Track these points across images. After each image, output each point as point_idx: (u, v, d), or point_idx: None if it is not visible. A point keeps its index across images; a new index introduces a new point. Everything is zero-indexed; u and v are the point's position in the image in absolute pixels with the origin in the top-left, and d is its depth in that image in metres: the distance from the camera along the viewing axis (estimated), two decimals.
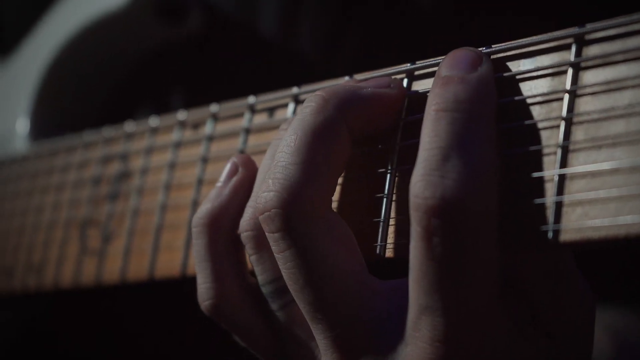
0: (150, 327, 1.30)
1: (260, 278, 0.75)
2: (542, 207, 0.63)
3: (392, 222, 0.73)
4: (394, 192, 0.73)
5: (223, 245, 0.78)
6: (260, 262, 0.75)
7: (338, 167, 0.71)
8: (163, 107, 1.28)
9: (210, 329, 1.21)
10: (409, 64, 0.76)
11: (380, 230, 0.73)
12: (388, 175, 0.73)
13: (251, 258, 0.75)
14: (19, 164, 1.21)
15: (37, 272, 1.12)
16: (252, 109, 0.89)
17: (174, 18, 1.21)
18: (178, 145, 0.97)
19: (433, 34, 1.15)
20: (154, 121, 1.02)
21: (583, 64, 0.65)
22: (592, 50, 0.65)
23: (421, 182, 0.62)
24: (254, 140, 0.89)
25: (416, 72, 0.75)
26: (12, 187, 1.21)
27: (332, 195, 0.71)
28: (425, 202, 0.62)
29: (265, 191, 0.69)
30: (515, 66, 0.69)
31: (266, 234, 0.70)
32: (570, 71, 0.65)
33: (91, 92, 1.28)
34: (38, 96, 1.27)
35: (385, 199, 0.73)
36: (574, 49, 0.65)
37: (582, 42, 0.65)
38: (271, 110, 0.88)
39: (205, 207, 0.78)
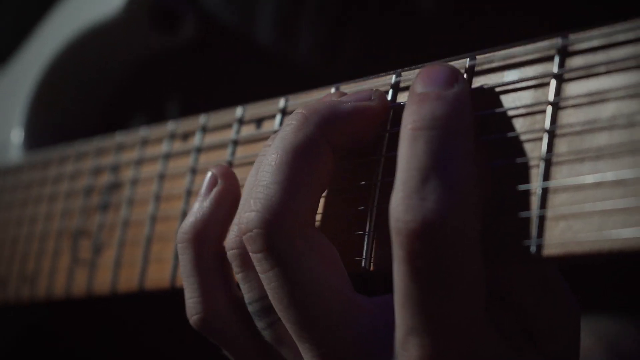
0: (150, 327, 1.30)
1: (247, 296, 0.75)
2: (525, 220, 0.63)
3: (376, 235, 0.72)
4: (379, 204, 0.72)
5: (210, 259, 0.77)
6: (247, 280, 0.74)
7: (321, 185, 0.70)
8: (158, 115, 1.28)
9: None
10: (393, 76, 0.75)
11: (365, 243, 0.72)
12: (373, 188, 0.73)
13: (237, 276, 0.74)
14: (13, 174, 1.21)
15: (30, 282, 1.11)
16: (240, 121, 0.89)
17: (168, 25, 1.20)
18: (168, 156, 0.97)
19: (432, 36, 1.15)
20: (144, 132, 1.01)
21: (566, 76, 0.64)
22: (575, 62, 0.64)
23: (401, 206, 0.62)
24: (242, 152, 0.88)
25: (401, 84, 0.75)
26: (7, 198, 1.21)
27: (315, 213, 0.71)
28: (407, 225, 0.61)
29: (247, 211, 0.68)
30: (499, 77, 0.68)
31: (250, 253, 0.69)
32: (553, 82, 0.64)
33: (85, 101, 1.28)
34: (32, 105, 1.27)
35: (369, 212, 0.72)
36: (557, 60, 0.64)
37: (565, 53, 0.64)
38: (259, 122, 0.87)
39: (189, 220, 0.78)
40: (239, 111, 0.89)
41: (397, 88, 0.75)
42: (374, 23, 1.18)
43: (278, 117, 0.85)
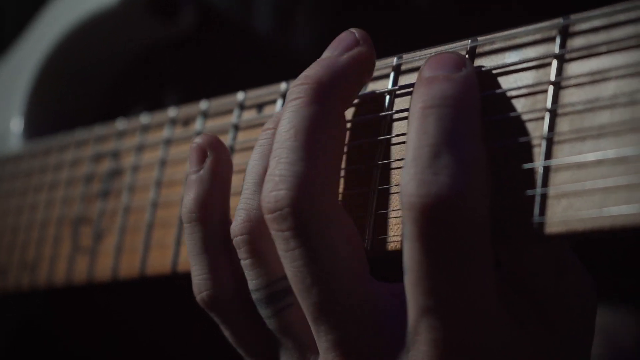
0: (149, 322, 1.30)
1: (253, 283, 0.74)
2: (527, 199, 0.63)
3: (378, 217, 0.73)
4: (380, 186, 0.73)
5: (218, 237, 0.76)
6: (254, 266, 0.73)
7: (340, 155, 0.70)
8: (157, 105, 1.28)
9: (207, 325, 1.21)
10: (395, 58, 0.76)
11: (369, 225, 0.73)
12: (374, 170, 0.73)
13: (244, 262, 0.74)
14: (13, 163, 1.21)
15: (30, 270, 1.12)
16: (241, 106, 0.89)
17: (166, 16, 1.21)
18: (169, 142, 0.97)
19: (431, 31, 1.15)
20: (145, 118, 1.02)
21: (567, 56, 0.64)
22: (576, 42, 0.64)
23: (414, 181, 0.62)
24: (243, 137, 0.88)
25: (403, 67, 0.75)
26: (7, 186, 1.21)
27: (338, 188, 0.71)
28: (421, 200, 0.61)
29: (274, 190, 0.67)
30: (501, 59, 0.69)
31: (274, 232, 0.68)
32: (554, 63, 0.65)
33: (85, 91, 1.28)
34: (32, 95, 1.27)
35: (372, 194, 0.73)
36: (558, 40, 0.65)
37: (566, 34, 0.65)
38: (260, 107, 0.88)
39: (190, 197, 0.76)
40: (240, 96, 0.89)
41: (398, 71, 0.76)
42: (374, 12, 1.19)
43: (279, 102, 0.85)
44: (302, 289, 0.68)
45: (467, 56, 0.70)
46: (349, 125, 0.78)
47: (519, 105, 0.66)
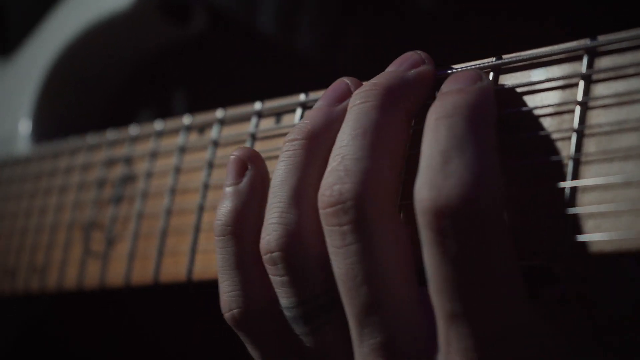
0: (154, 326, 1.30)
1: (289, 301, 0.72)
2: (555, 219, 0.63)
3: None
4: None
5: (251, 253, 0.74)
6: (290, 284, 0.71)
7: (403, 160, 0.70)
8: (166, 108, 1.28)
9: (215, 330, 1.21)
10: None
11: None
12: None
13: (279, 279, 0.72)
14: (22, 166, 1.21)
15: (40, 274, 1.11)
16: (259, 114, 0.89)
17: (178, 19, 1.20)
18: (183, 149, 0.97)
19: (434, 32, 1.15)
20: (159, 125, 1.01)
21: (594, 76, 0.65)
22: (603, 63, 0.65)
23: (426, 186, 0.63)
24: (260, 146, 0.88)
25: None
26: (16, 189, 1.20)
27: (399, 190, 0.71)
28: (432, 203, 0.62)
29: (338, 183, 0.67)
30: (526, 77, 0.69)
31: (330, 228, 0.67)
32: (581, 83, 0.65)
33: (94, 93, 1.28)
34: (40, 97, 1.26)
35: None
36: (585, 60, 0.65)
37: (593, 54, 0.65)
38: (278, 116, 0.88)
39: (226, 210, 0.75)
40: (257, 105, 0.89)
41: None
42: (380, 14, 1.19)
43: (298, 112, 0.85)
44: (351, 288, 0.67)
45: (491, 73, 0.70)
46: None
47: (546, 124, 0.66)
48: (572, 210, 0.63)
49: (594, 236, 0.61)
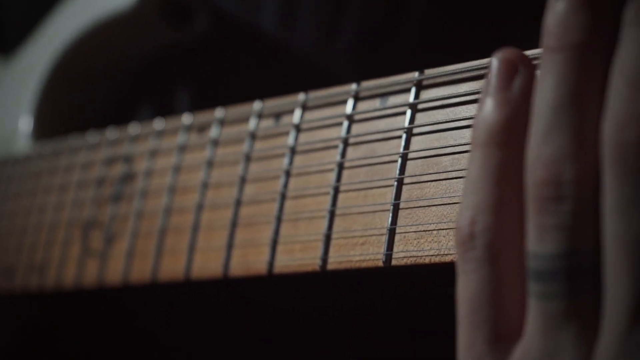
0: (154, 325, 1.30)
1: (552, 247, 0.58)
2: None
3: (392, 232, 0.74)
4: (395, 201, 0.73)
5: (512, 170, 0.62)
6: (565, 228, 0.57)
7: None
8: (167, 107, 1.28)
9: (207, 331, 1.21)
10: (416, 73, 0.76)
11: (386, 239, 0.74)
12: (394, 184, 0.74)
13: (551, 220, 0.58)
14: (22, 164, 1.21)
15: (39, 272, 1.12)
16: (259, 114, 0.89)
17: (180, 21, 1.21)
18: (183, 148, 0.97)
19: (435, 33, 1.15)
20: (159, 124, 1.02)
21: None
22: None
23: (616, 122, 0.54)
24: (260, 145, 0.89)
25: (424, 82, 0.76)
26: (15, 187, 1.21)
27: None
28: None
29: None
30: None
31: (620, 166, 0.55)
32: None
33: (96, 92, 1.28)
34: (42, 95, 1.26)
35: (392, 207, 0.74)
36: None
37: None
38: (278, 116, 0.88)
39: (495, 118, 0.62)
40: (257, 105, 0.90)
41: (419, 86, 0.76)
42: (379, 13, 1.18)
43: (297, 112, 0.86)
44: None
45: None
46: (368, 138, 0.78)
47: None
48: None
49: None
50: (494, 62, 0.64)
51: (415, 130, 0.75)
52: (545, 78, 0.59)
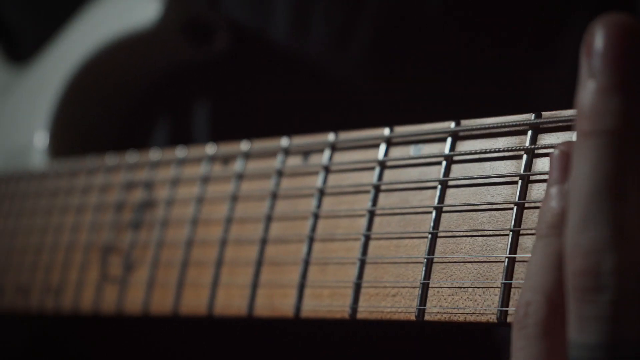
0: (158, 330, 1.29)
1: (590, 337, 0.58)
2: None
3: (431, 285, 0.73)
4: (428, 256, 0.72)
5: (559, 256, 0.63)
6: (604, 319, 0.57)
7: None
8: (185, 124, 1.27)
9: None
10: (452, 124, 0.75)
11: (419, 293, 0.73)
12: (428, 236, 0.73)
13: (590, 308, 0.57)
14: (38, 180, 1.20)
15: (55, 294, 1.10)
16: (286, 151, 0.88)
17: (201, 39, 1.19)
18: (206, 179, 0.96)
19: (445, 38, 1.14)
20: (181, 152, 1.00)
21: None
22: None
23: None
24: (287, 183, 0.87)
25: (460, 133, 0.75)
26: (31, 204, 1.19)
27: None
28: None
29: None
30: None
31: None
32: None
33: (113, 109, 1.27)
34: (58, 110, 1.25)
35: (425, 260, 0.73)
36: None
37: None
38: (306, 154, 0.87)
39: (553, 210, 0.63)
40: (284, 141, 0.88)
41: (455, 137, 0.75)
42: (390, 21, 1.16)
43: (327, 152, 0.84)
44: None
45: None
46: (400, 186, 0.77)
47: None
48: None
49: None
50: (554, 153, 0.64)
51: (450, 183, 0.74)
52: (579, 164, 0.58)
